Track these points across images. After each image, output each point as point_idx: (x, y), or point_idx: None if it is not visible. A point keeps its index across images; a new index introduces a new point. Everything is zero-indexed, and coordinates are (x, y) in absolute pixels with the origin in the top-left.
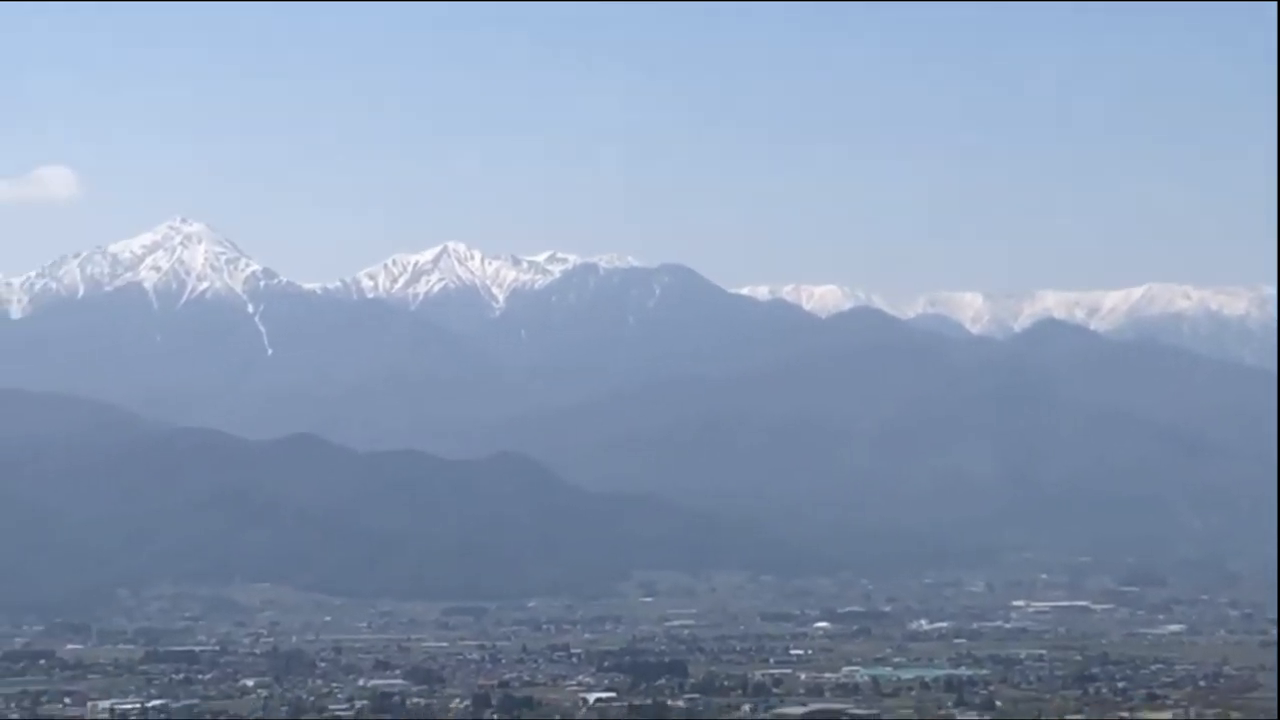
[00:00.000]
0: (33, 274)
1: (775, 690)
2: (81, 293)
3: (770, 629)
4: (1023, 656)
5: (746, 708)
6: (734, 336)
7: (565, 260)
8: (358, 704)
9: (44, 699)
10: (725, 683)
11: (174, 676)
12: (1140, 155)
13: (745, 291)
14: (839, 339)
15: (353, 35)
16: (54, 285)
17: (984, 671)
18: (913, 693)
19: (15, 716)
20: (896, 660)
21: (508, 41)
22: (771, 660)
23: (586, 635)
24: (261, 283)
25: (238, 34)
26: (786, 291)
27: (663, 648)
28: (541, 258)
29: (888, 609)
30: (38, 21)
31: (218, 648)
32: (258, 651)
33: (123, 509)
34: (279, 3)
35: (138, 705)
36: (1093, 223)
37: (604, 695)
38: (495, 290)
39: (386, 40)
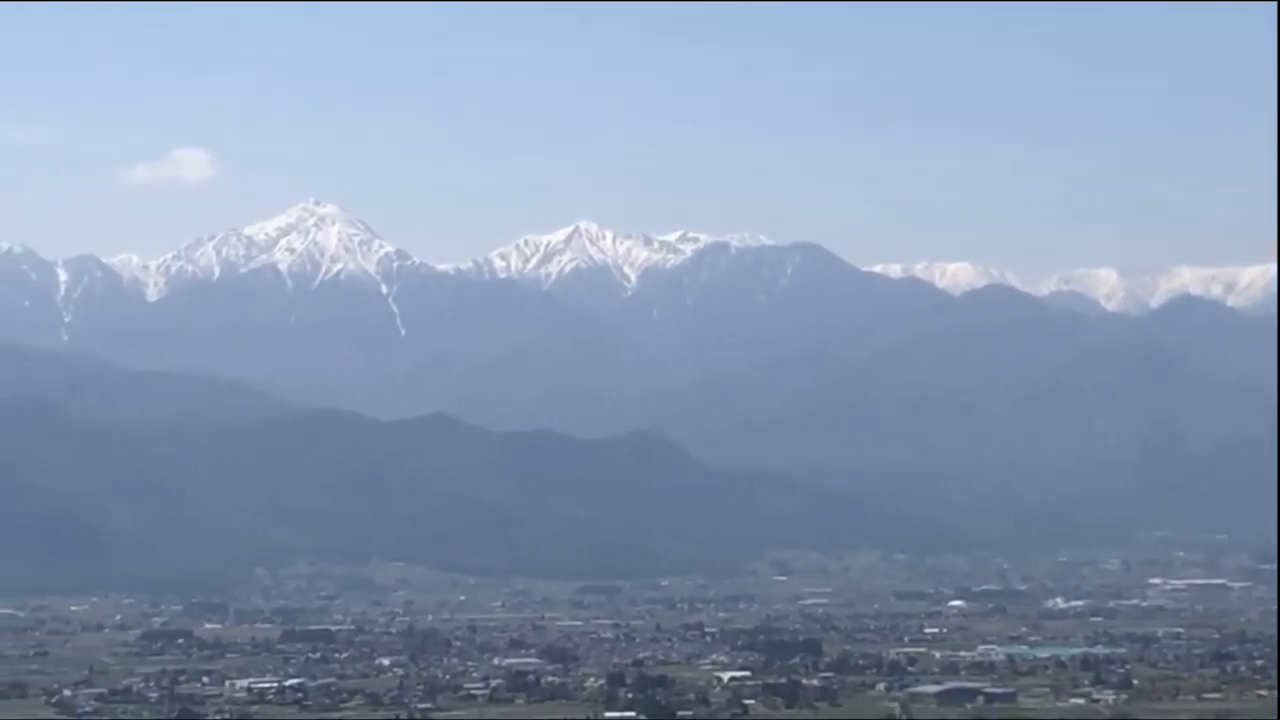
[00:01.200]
0: (169, 256)
1: (910, 669)
2: (217, 275)
3: (904, 607)
4: (1159, 635)
5: (881, 686)
6: (866, 315)
7: (697, 239)
8: (492, 683)
9: (182, 678)
10: (859, 661)
11: (310, 655)
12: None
13: (877, 269)
14: (972, 316)
15: (483, 19)
16: (190, 268)
17: (1120, 650)
18: (1049, 671)
19: (154, 695)
20: (1032, 639)
21: (638, 22)
22: (906, 639)
23: (720, 614)
24: (395, 264)
25: (371, 19)
26: (919, 269)
27: (797, 626)
28: (673, 237)
29: (1023, 587)
30: (180, 18)
31: (353, 627)
32: (393, 630)
33: (259, 489)
34: None
35: (275, 684)
36: (1230, 198)
37: (738, 674)
38: (627, 270)
39: (517, 22)
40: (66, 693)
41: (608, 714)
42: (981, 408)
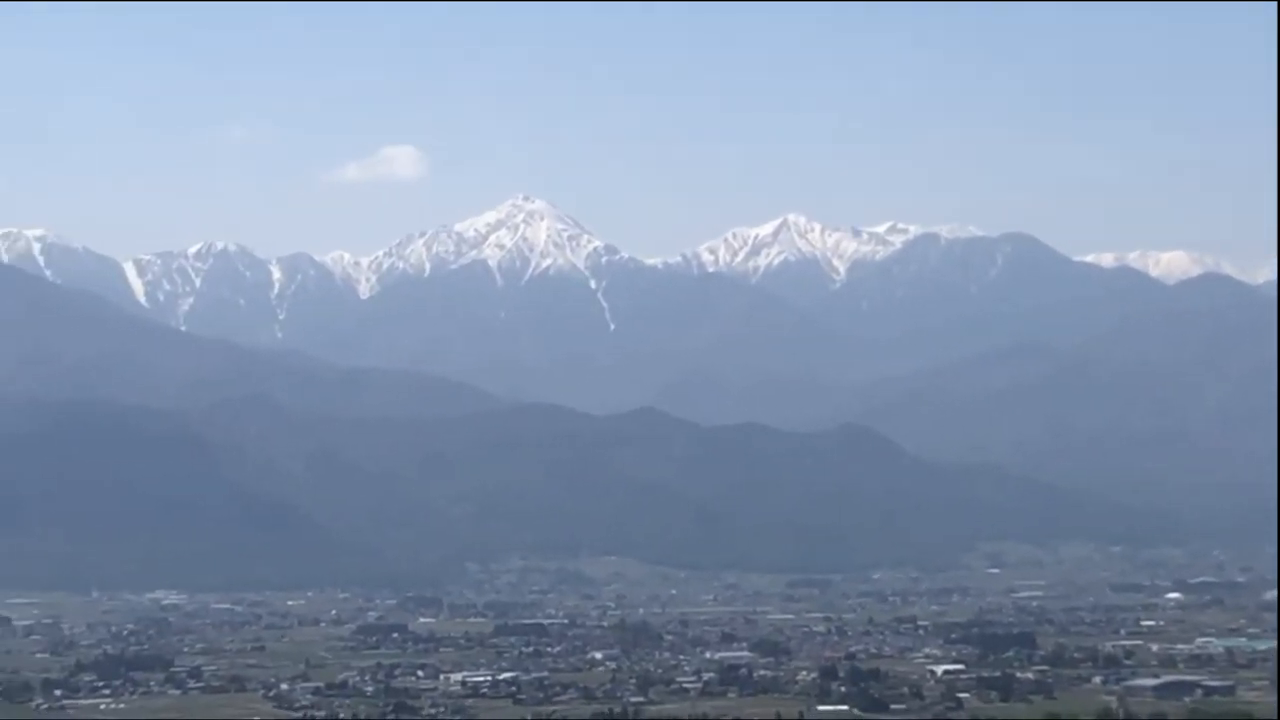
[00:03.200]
0: (380, 254)
1: (1126, 662)
2: (427, 271)
3: (1120, 600)
4: None
5: (1097, 680)
6: (1078, 304)
7: (906, 231)
8: (704, 676)
9: (397, 672)
10: (1075, 655)
11: (523, 649)
12: None
13: (1089, 259)
14: (1186, 305)
15: (688, 18)
16: (400, 264)
17: None
18: (1268, 664)
19: (370, 689)
20: (1251, 631)
21: (845, 14)
22: (1122, 631)
23: (933, 607)
24: (603, 259)
25: (578, 18)
26: (1132, 258)
27: (1010, 619)
28: (882, 229)
29: (1241, 579)
30: (388, 19)
31: (566, 620)
32: (605, 624)
33: (471, 484)
34: None
35: (488, 678)
36: None
37: (951, 667)
38: (836, 262)
39: (720, 21)
40: (284, 686)
41: (820, 708)
42: (1196, 397)
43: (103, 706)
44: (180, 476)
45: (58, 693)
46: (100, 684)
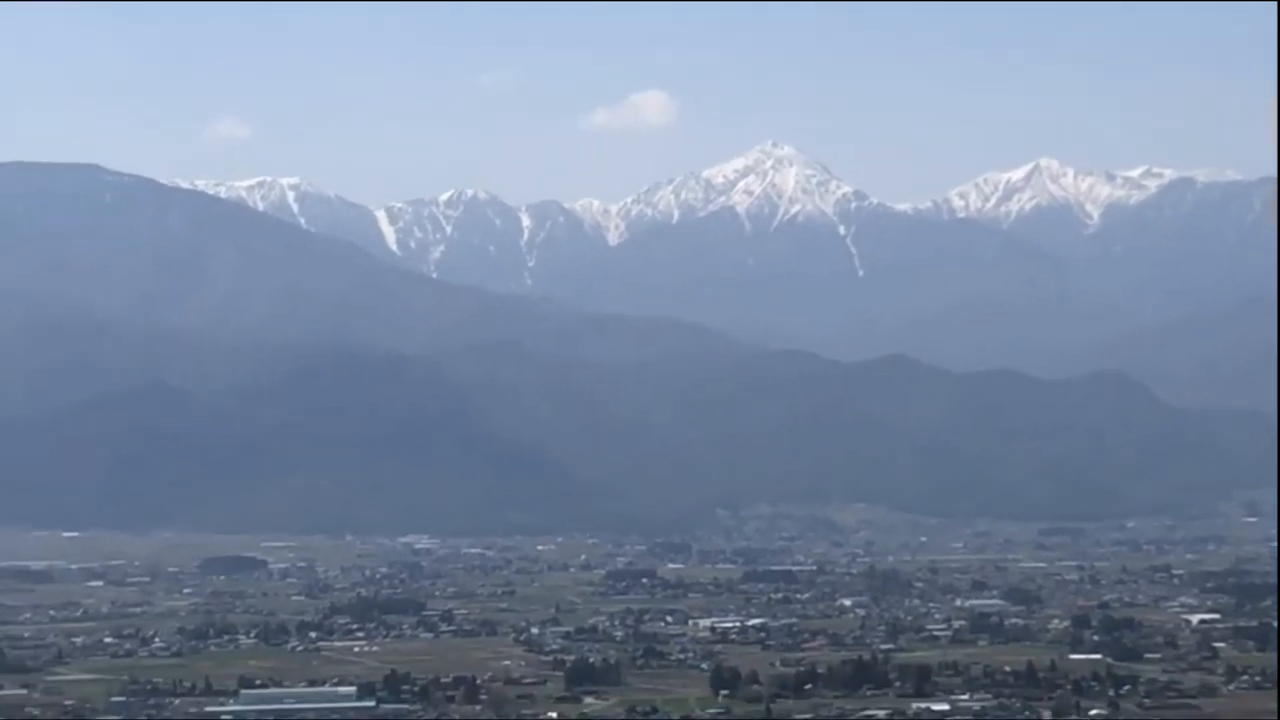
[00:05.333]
0: (629, 200)
1: None
2: (676, 218)
3: None
4: None
5: None
6: None
7: (1160, 175)
8: (955, 624)
9: (646, 617)
10: None
11: (772, 595)
12: None
13: None
14: None
15: None
16: (649, 211)
17: None
18: None
19: (619, 634)
20: None
21: None
22: None
23: (1188, 556)
24: (852, 204)
25: None
26: None
27: (1268, 568)
28: (1136, 173)
29: None
30: None
31: (815, 567)
32: (854, 571)
33: (719, 431)
34: None
35: (737, 624)
36: None
37: (1207, 617)
38: (1089, 207)
39: None
40: (534, 630)
41: (1072, 656)
42: None
43: (356, 649)
44: (432, 422)
45: (312, 635)
46: (354, 627)
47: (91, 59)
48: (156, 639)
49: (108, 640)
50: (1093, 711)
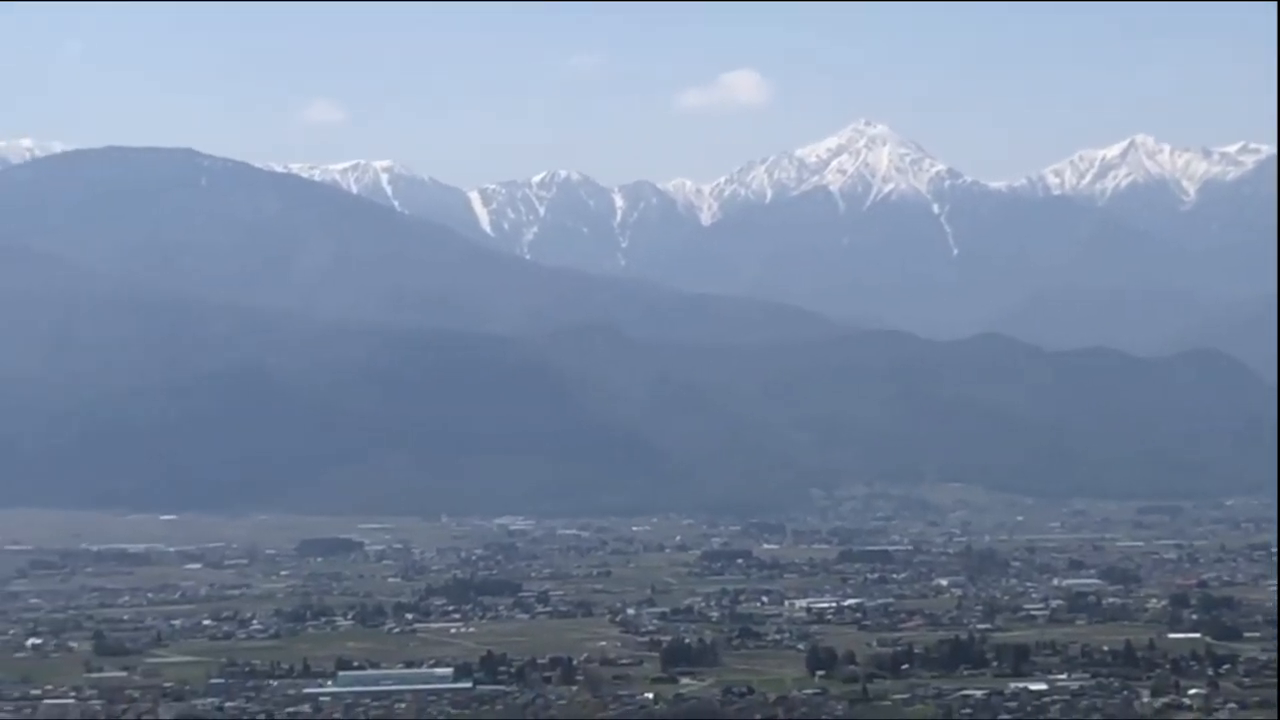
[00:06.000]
0: (721, 180)
1: None
2: (769, 198)
3: None
4: None
5: None
6: None
7: (1258, 150)
8: (1052, 604)
9: (742, 597)
10: None
11: (868, 575)
12: None
13: None
14: None
15: None
16: (742, 191)
17: None
18: None
19: (715, 614)
20: None
21: None
22: None
23: None
24: (946, 183)
25: None
26: None
27: None
28: (1233, 149)
29: None
30: None
31: (910, 547)
32: (950, 551)
33: (814, 410)
34: None
35: (833, 604)
36: None
37: None
38: (1185, 184)
39: None
40: (630, 611)
41: (1171, 635)
42: None
43: (452, 630)
44: (526, 404)
45: (409, 616)
46: (450, 608)
47: (187, 44)
48: (254, 621)
49: (206, 622)
50: (1191, 691)
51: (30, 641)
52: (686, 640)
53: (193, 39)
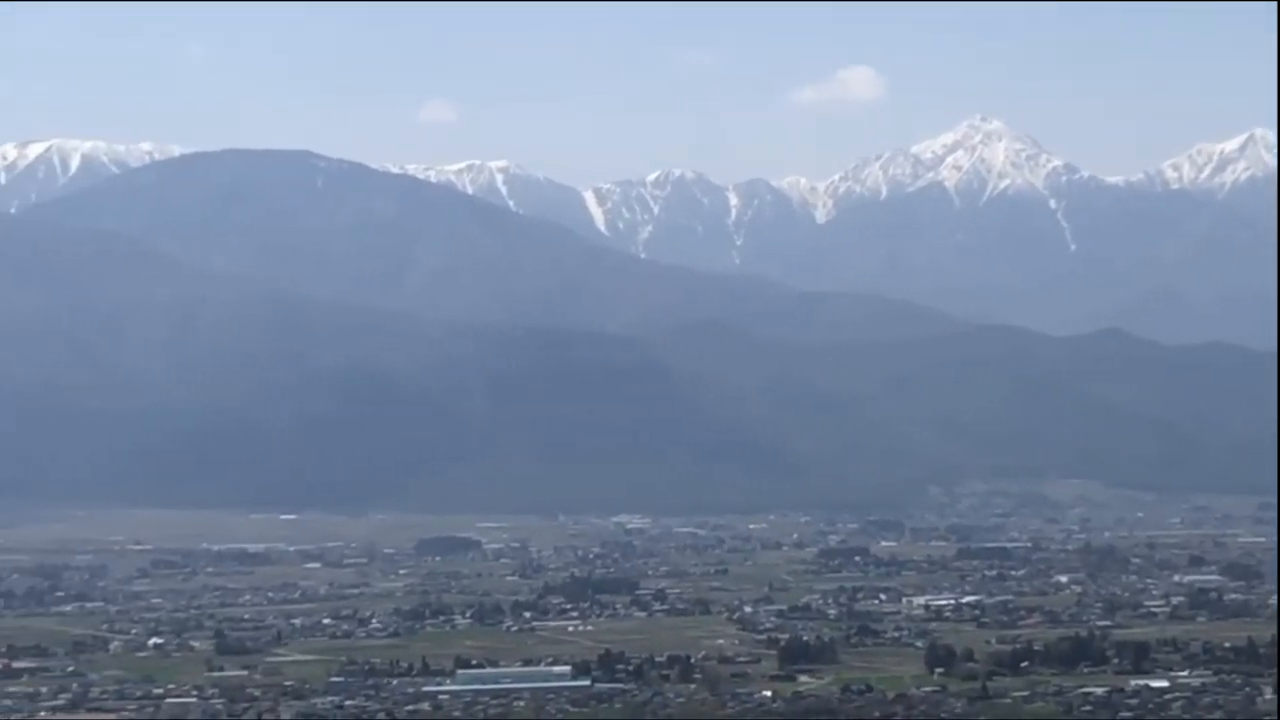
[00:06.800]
0: (836, 177)
1: None
2: (884, 194)
3: None
4: None
5: None
6: None
7: None
8: (1173, 600)
9: (860, 595)
10: None
11: (986, 573)
12: None
13: None
14: None
15: None
16: (857, 188)
17: None
18: None
19: (833, 612)
20: None
21: None
22: None
23: None
24: (1063, 178)
25: None
26: None
27: None
28: None
29: None
30: None
31: (1029, 544)
32: (1070, 548)
33: (931, 407)
34: None
35: (952, 601)
36: None
37: None
38: None
39: None
40: (747, 609)
41: None
42: None
43: (570, 628)
44: (642, 402)
45: (526, 614)
46: (567, 606)
47: (303, 46)
48: (374, 620)
49: (326, 621)
50: None
51: (152, 641)
52: (804, 638)
53: (309, 41)
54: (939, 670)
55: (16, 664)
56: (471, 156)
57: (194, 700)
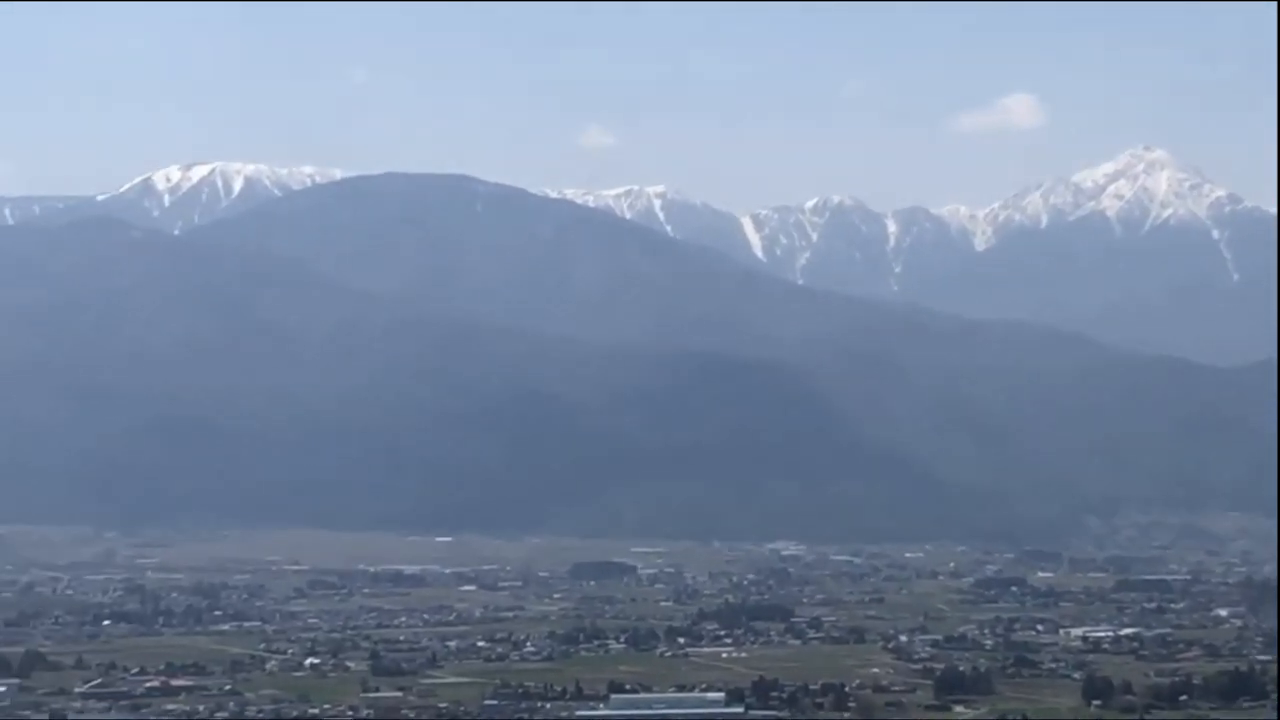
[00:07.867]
0: (996, 205)
1: None
2: (1044, 223)
3: None
4: None
5: None
6: None
7: None
8: None
9: (1016, 625)
10: None
11: (1145, 605)
12: None
13: None
14: None
15: None
16: (1017, 216)
17: None
18: None
19: (989, 642)
20: None
21: None
22: None
23: None
24: (1226, 208)
25: None
26: None
27: None
28: None
29: None
30: None
31: (1189, 577)
32: (1230, 581)
33: (1090, 438)
34: None
35: (1110, 633)
36: None
37: None
38: None
39: None
40: (903, 638)
41: None
42: None
43: (724, 655)
44: (799, 429)
45: (681, 640)
46: (722, 632)
47: (463, 72)
48: (528, 643)
49: (480, 644)
50: None
51: (308, 661)
52: (960, 668)
53: (469, 67)
54: (1096, 703)
55: (175, 682)
56: (630, 181)
57: None
